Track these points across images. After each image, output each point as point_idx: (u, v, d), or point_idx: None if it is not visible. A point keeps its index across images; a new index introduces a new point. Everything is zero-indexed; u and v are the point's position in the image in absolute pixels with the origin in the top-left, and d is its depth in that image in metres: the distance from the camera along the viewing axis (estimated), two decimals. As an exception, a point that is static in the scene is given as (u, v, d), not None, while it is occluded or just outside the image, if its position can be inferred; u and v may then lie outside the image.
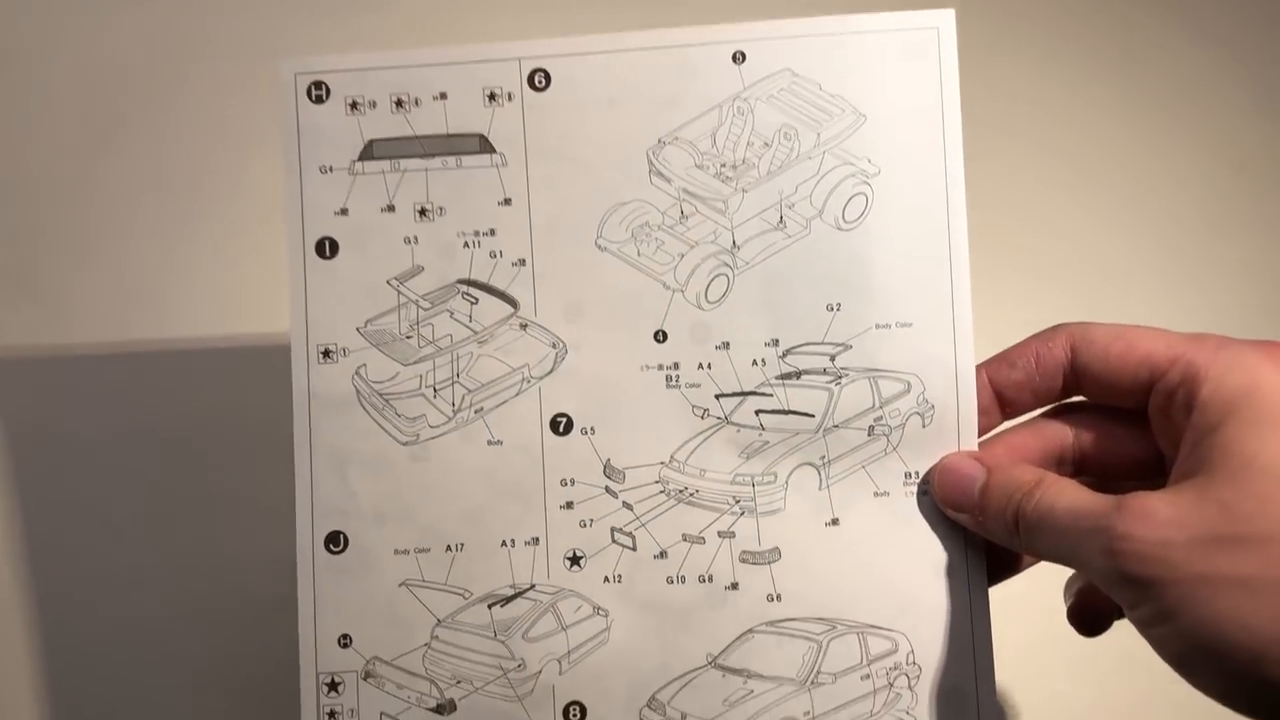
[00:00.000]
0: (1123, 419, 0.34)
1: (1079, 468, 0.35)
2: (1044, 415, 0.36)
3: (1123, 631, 0.47)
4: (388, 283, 0.36)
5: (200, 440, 0.49)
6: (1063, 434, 0.35)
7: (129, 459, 0.49)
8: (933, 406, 0.35)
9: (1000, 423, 0.36)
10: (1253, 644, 0.27)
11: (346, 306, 0.35)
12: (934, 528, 0.35)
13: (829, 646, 0.35)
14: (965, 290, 0.34)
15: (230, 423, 0.49)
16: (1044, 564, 0.48)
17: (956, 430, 0.35)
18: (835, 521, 0.35)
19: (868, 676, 0.35)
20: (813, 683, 0.35)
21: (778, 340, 0.35)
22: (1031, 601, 0.47)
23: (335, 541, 0.35)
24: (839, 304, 0.35)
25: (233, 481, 0.49)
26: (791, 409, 0.35)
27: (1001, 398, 0.35)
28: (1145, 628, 0.29)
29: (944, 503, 0.34)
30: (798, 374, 0.35)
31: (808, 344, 0.35)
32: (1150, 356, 0.32)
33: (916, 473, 0.35)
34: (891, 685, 0.35)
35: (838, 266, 0.35)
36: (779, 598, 0.35)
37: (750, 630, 0.35)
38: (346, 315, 0.35)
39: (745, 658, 0.35)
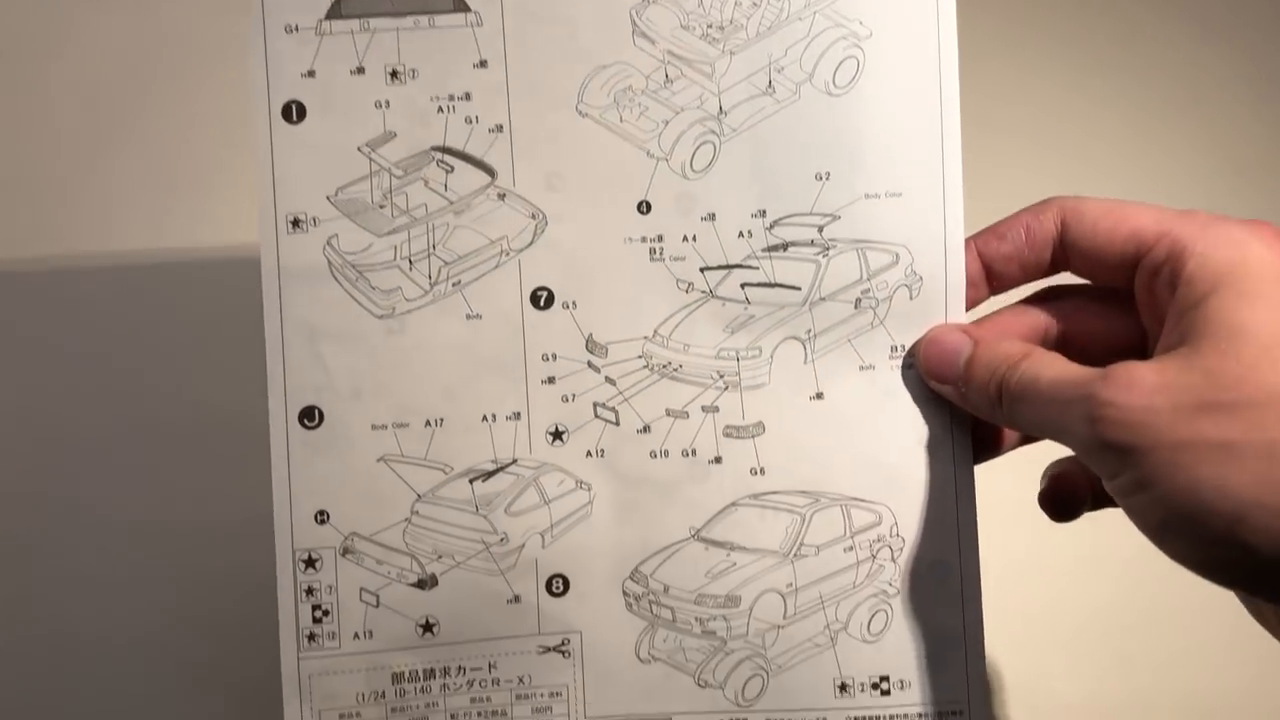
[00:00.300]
0: (1107, 302, 0.34)
1: (1060, 348, 0.35)
2: (1027, 300, 0.35)
3: (1122, 632, 0.48)
4: (358, 149, 0.34)
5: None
6: (1046, 317, 0.35)
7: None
8: (920, 278, 0.34)
9: (987, 296, 0.35)
10: (1232, 508, 0.27)
11: (316, 174, 0.34)
12: (920, 402, 0.34)
13: (812, 519, 0.35)
14: (956, 159, 0.34)
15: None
16: (1040, 563, 0.48)
17: (944, 302, 0.34)
18: (820, 395, 0.35)
19: (851, 549, 0.35)
20: (795, 555, 0.35)
21: (765, 211, 0.34)
22: (1030, 599, 0.48)
23: (310, 417, 0.34)
24: (828, 173, 0.34)
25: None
26: (777, 282, 0.34)
27: (990, 271, 0.34)
28: (1124, 497, 0.29)
29: (928, 374, 0.34)
30: (784, 246, 0.34)
31: (795, 214, 0.34)
32: (1138, 232, 0.32)
33: (903, 346, 0.34)
34: (874, 557, 0.35)
35: (827, 134, 0.34)
36: (762, 471, 0.35)
37: (733, 503, 0.35)
38: (316, 183, 0.34)
39: (728, 531, 0.35)
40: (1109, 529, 0.32)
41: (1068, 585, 0.49)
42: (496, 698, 0.35)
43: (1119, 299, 0.34)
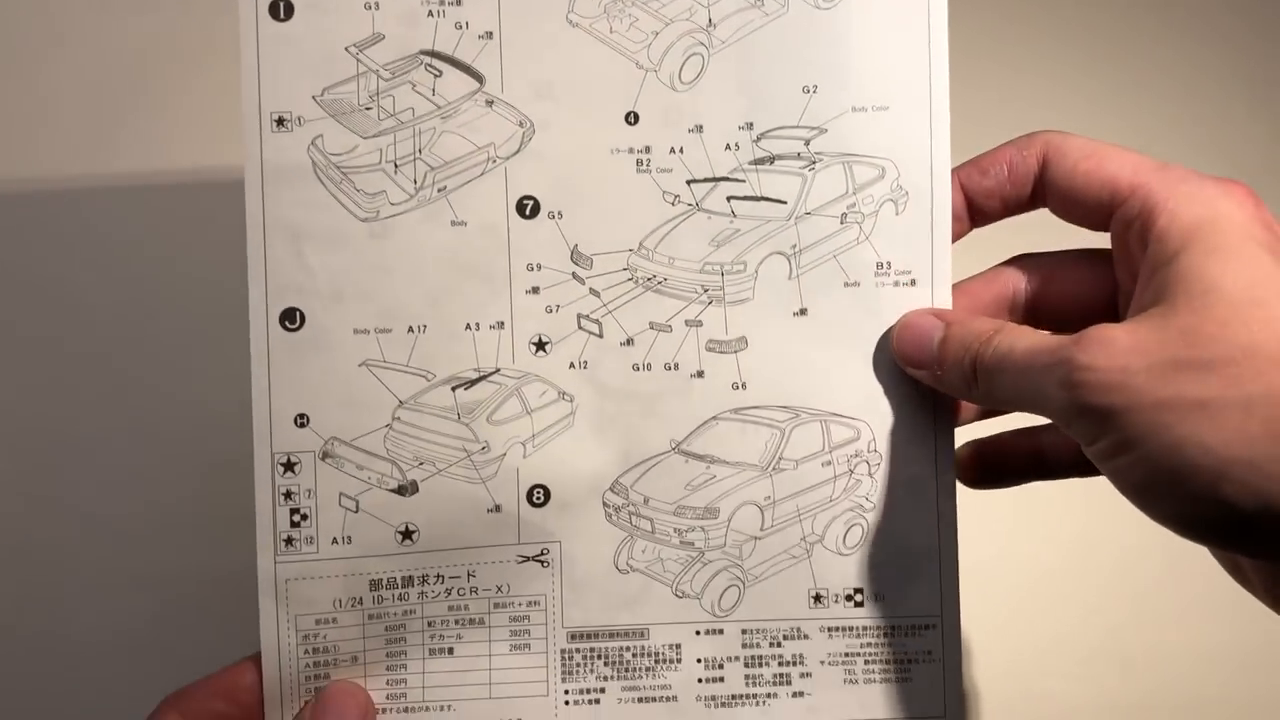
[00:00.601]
0: (1076, 265, 0.35)
1: (1032, 314, 0.35)
2: (998, 265, 0.36)
3: (1121, 633, 0.49)
4: (346, 50, 0.34)
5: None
6: (1015, 283, 0.35)
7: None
8: (906, 193, 0.34)
9: (969, 229, 0.36)
10: (1214, 465, 0.27)
11: (302, 73, 0.33)
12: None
13: (791, 434, 0.35)
14: (944, 73, 0.34)
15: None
16: (1040, 563, 0.48)
17: (930, 217, 0.34)
18: (804, 311, 0.35)
19: (829, 463, 0.35)
20: (774, 468, 0.35)
21: (752, 123, 0.34)
22: (1029, 601, 0.48)
23: (291, 318, 0.34)
24: (815, 86, 0.34)
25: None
26: (764, 195, 0.34)
27: (972, 205, 0.35)
28: (1105, 461, 0.29)
29: (903, 359, 0.34)
30: (771, 159, 0.34)
31: (782, 127, 0.34)
32: (1113, 180, 0.32)
33: (889, 263, 0.35)
34: (852, 472, 0.35)
35: (815, 47, 0.34)
36: (744, 386, 0.35)
37: (714, 417, 0.35)
38: (302, 82, 0.33)
39: (709, 444, 0.35)
40: (1108, 529, 0.31)
41: (1066, 586, 0.49)
42: (474, 606, 0.35)
43: (1087, 262, 0.34)
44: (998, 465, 0.37)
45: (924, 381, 0.34)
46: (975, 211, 0.35)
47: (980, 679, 0.48)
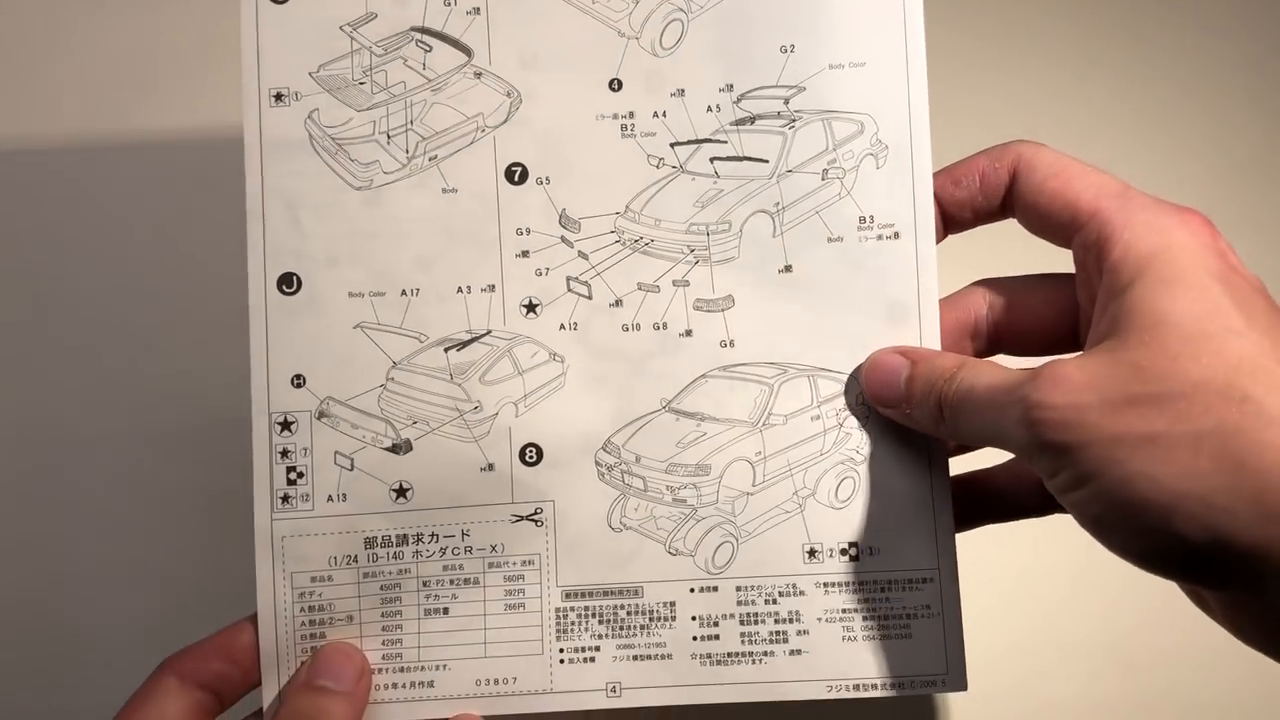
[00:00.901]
0: (1039, 289, 0.35)
1: (995, 339, 0.36)
2: (962, 289, 0.36)
3: (1120, 632, 0.48)
4: (340, 29, 0.35)
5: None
6: (978, 304, 0.35)
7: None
8: (886, 147, 0.35)
9: (944, 238, 0.36)
10: (1165, 499, 0.27)
11: (299, 51, 0.35)
12: (887, 272, 0.35)
13: (780, 389, 0.35)
14: (919, 27, 0.34)
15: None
16: (1040, 564, 0.48)
17: (911, 169, 0.35)
18: (789, 268, 0.35)
19: (818, 417, 0.35)
20: (764, 424, 0.35)
21: (732, 85, 0.35)
22: (1027, 601, 0.47)
23: (288, 283, 0.35)
24: (792, 45, 0.35)
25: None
26: (746, 155, 0.35)
27: (945, 214, 0.35)
28: (1064, 494, 0.29)
29: (873, 399, 0.34)
30: (752, 119, 0.35)
31: (762, 88, 0.35)
32: (1074, 204, 0.32)
33: (871, 217, 0.35)
34: (841, 425, 0.35)
35: (791, 6, 0.35)
36: (732, 344, 0.35)
37: (703, 375, 0.35)
38: (299, 59, 0.35)
39: (698, 402, 0.35)
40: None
41: (1067, 586, 0.48)
42: (469, 565, 0.35)
43: (1051, 285, 0.35)
44: (959, 509, 0.37)
45: (897, 420, 0.34)
46: (948, 220, 0.35)
47: (981, 680, 0.47)
